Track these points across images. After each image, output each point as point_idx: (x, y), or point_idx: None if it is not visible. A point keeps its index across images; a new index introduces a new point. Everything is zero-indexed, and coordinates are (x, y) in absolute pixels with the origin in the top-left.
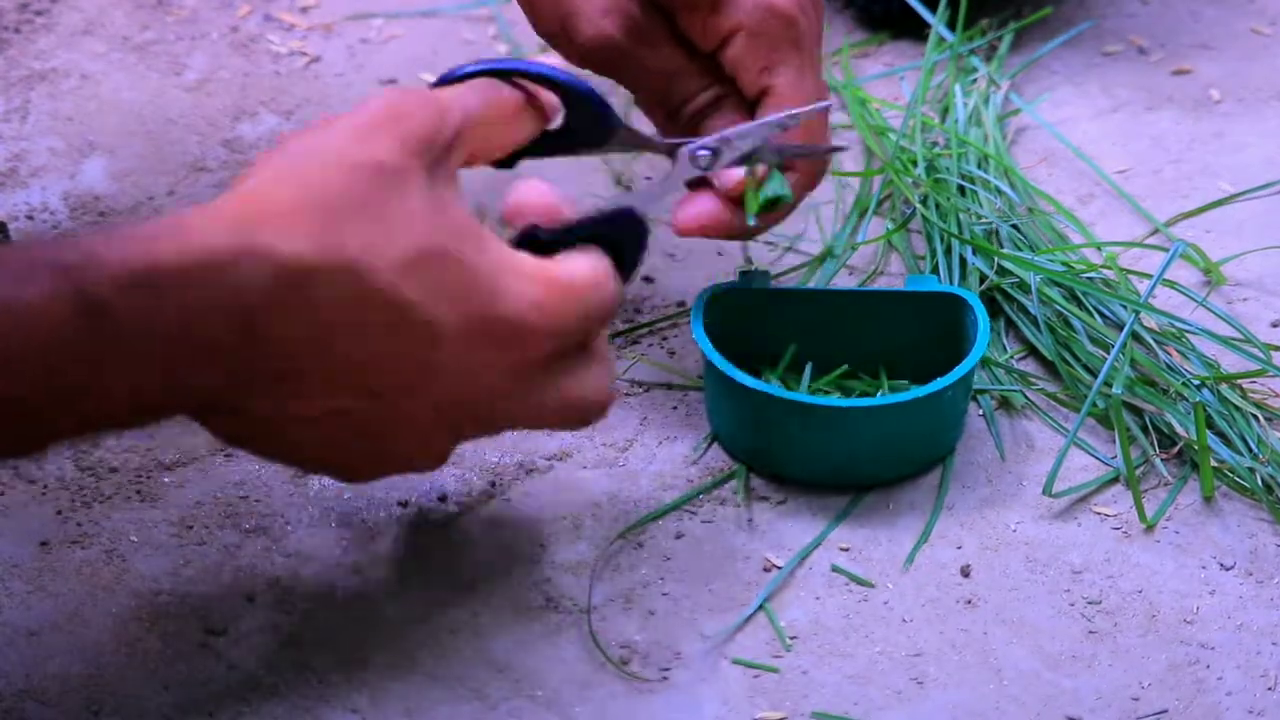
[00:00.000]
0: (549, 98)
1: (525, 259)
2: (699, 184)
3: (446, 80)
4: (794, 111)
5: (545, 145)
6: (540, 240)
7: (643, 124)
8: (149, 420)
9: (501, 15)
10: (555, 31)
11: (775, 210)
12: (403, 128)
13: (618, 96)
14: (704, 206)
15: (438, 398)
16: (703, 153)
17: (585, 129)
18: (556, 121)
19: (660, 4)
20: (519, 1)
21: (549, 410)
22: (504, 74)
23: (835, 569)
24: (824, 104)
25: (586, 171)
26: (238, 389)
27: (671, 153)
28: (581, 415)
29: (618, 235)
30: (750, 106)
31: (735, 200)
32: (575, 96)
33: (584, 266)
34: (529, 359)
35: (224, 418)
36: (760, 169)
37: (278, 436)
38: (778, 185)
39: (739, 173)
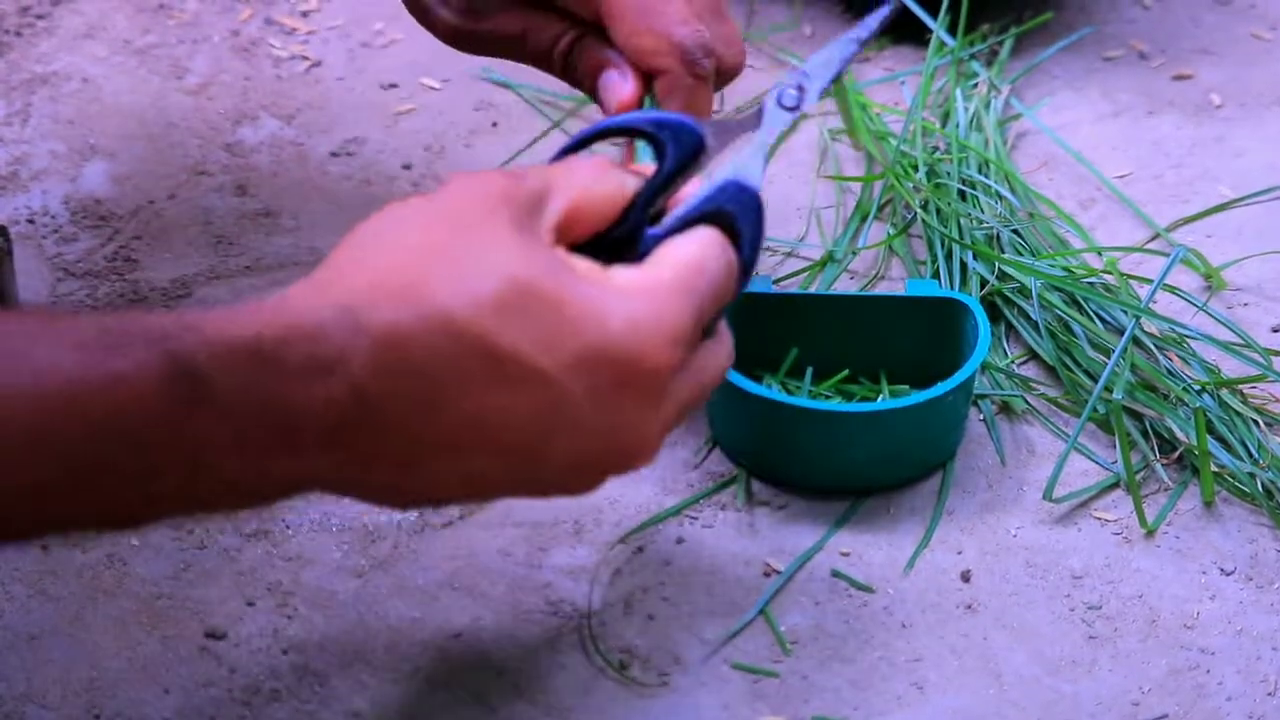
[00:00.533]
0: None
1: (618, 277)
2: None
3: (565, 151)
4: (869, 24)
5: (655, 196)
6: (621, 239)
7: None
8: (256, 502)
9: None
10: (420, 15)
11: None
12: (483, 188)
13: None
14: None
15: (578, 442)
16: (789, 94)
17: (683, 156)
18: (668, 165)
19: None
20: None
21: (685, 403)
22: (593, 139)
23: (835, 574)
24: (885, 11)
25: None
26: (357, 469)
27: (759, 117)
28: (705, 395)
29: (728, 212)
30: (600, 32)
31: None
32: (665, 131)
33: (681, 256)
34: (649, 381)
35: (356, 489)
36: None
37: (423, 488)
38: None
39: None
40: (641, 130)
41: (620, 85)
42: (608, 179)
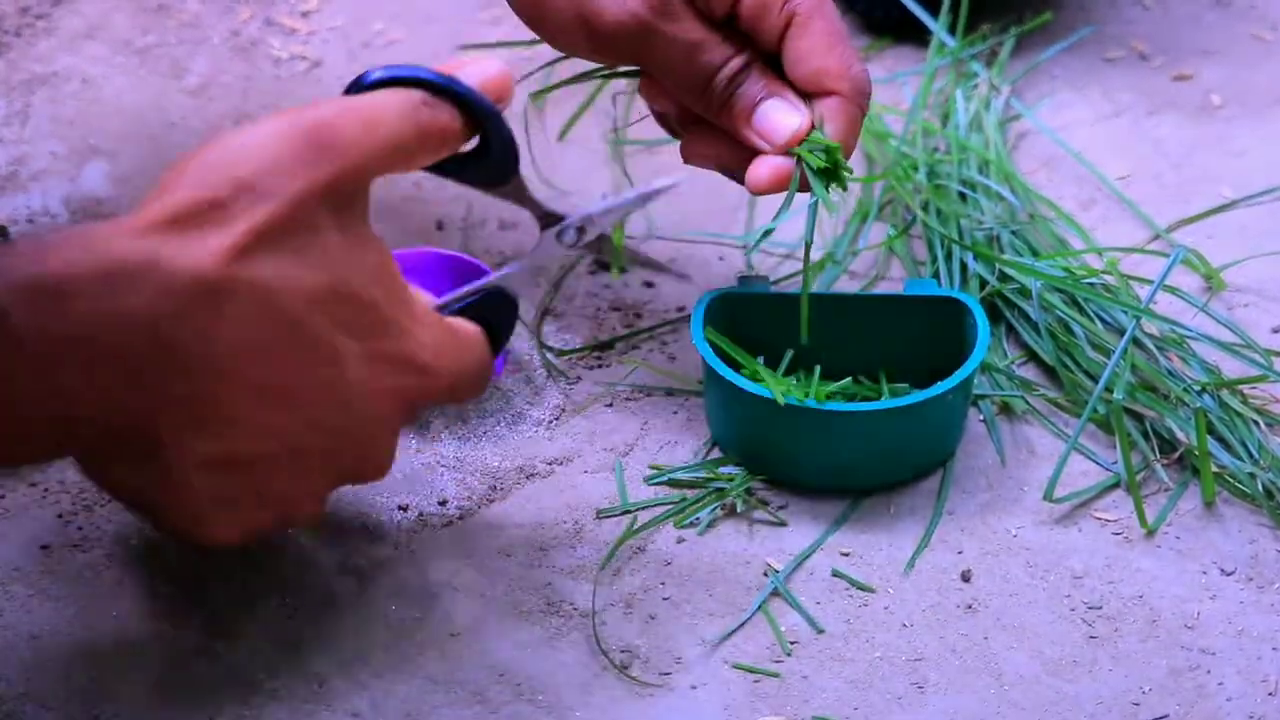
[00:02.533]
0: (455, 122)
1: (427, 309)
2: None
3: (364, 84)
4: (657, 187)
5: (448, 167)
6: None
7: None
8: (57, 449)
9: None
10: (567, 24)
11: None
12: (321, 161)
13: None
14: (776, 164)
15: (332, 431)
16: (569, 234)
17: (492, 164)
18: (468, 146)
19: None
20: (515, 5)
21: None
22: (427, 85)
23: (836, 574)
24: (670, 183)
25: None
26: (147, 414)
27: (543, 222)
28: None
29: (490, 312)
30: (775, 63)
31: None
32: (495, 128)
33: (473, 328)
34: (423, 391)
35: (119, 451)
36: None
37: (170, 474)
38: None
39: (787, 130)
40: (475, 107)
41: (791, 113)
42: (441, 141)
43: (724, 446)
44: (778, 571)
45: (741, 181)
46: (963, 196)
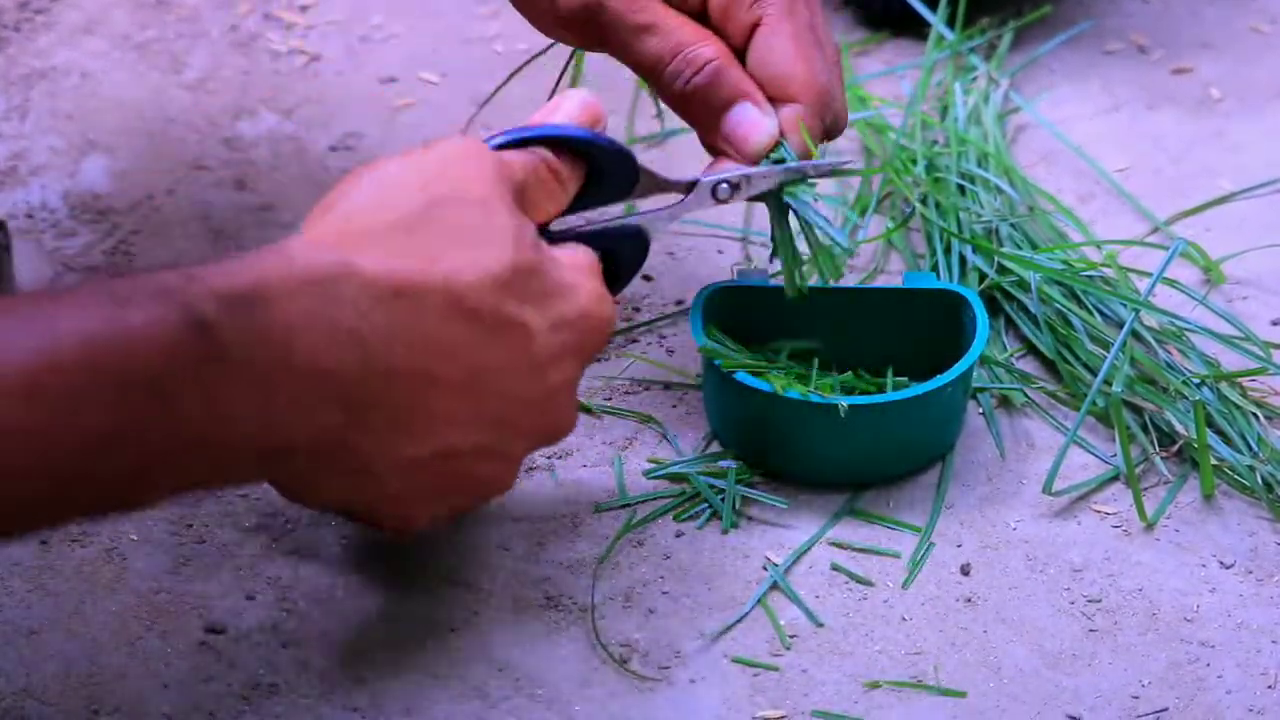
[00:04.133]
0: (573, 168)
1: (578, 261)
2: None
3: (504, 145)
4: (818, 162)
5: (574, 203)
6: (550, 235)
7: (656, 161)
8: (266, 467)
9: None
10: (543, 7)
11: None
12: (484, 162)
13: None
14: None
15: (527, 395)
16: (724, 188)
17: (611, 182)
18: (605, 193)
19: None
20: None
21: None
22: (533, 141)
23: (835, 567)
24: (835, 161)
25: None
26: (353, 423)
27: (689, 188)
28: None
29: (621, 247)
30: (740, 56)
31: None
32: (600, 152)
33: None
34: (596, 345)
35: (320, 466)
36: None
37: (374, 483)
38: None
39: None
40: (586, 148)
41: (762, 122)
42: (561, 188)
43: (723, 440)
44: (777, 565)
45: None
46: (961, 190)
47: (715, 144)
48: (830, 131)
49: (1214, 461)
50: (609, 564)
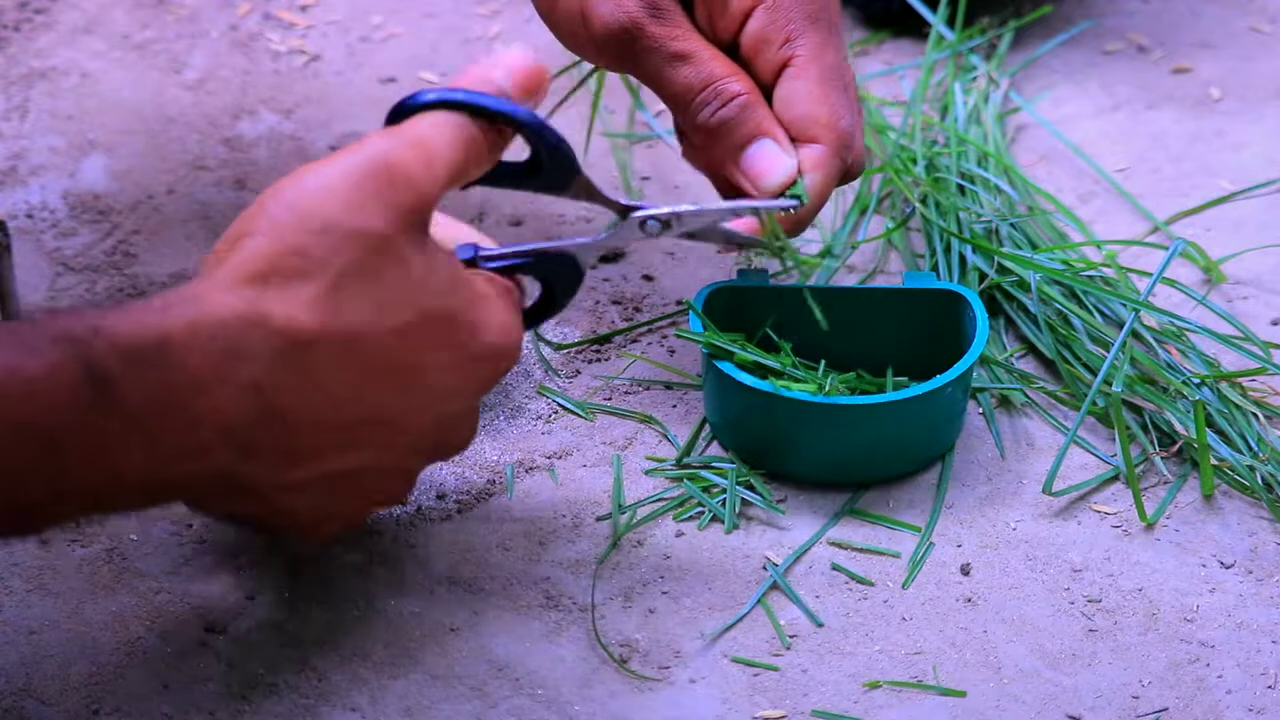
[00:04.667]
0: (497, 138)
1: (488, 288)
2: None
3: (406, 108)
4: (755, 204)
5: (506, 178)
6: (478, 261)
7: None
8: (152, 503)
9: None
10: (574, 24)
11: (798, 218)
12: (396, 197)
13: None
14: (753, 225)
15: (421, 428)
16: (653, 224)
17: (549, 172)
18: (521, 157)
19: None
20: (536, 3)
21: (472, 429)
22: (465, 108)
23: (835, 567)
24: (790, 203)
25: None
26: (240, 460)
27: (624, 214)
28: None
29: (554, 274)
30: (767, 92)
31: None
32: (541, 139)
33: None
34: (500, 373)
35: (222, 500)
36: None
37: (266, 504)
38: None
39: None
40: (524, 127)
41: (782, 159)
42: (488, 158)
43: (723, 440)
44: (776, 565)
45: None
46: (961, 189)
47: (731, 176)
48: (849, 174)
49: (1214, 461)
50: (609, 564)
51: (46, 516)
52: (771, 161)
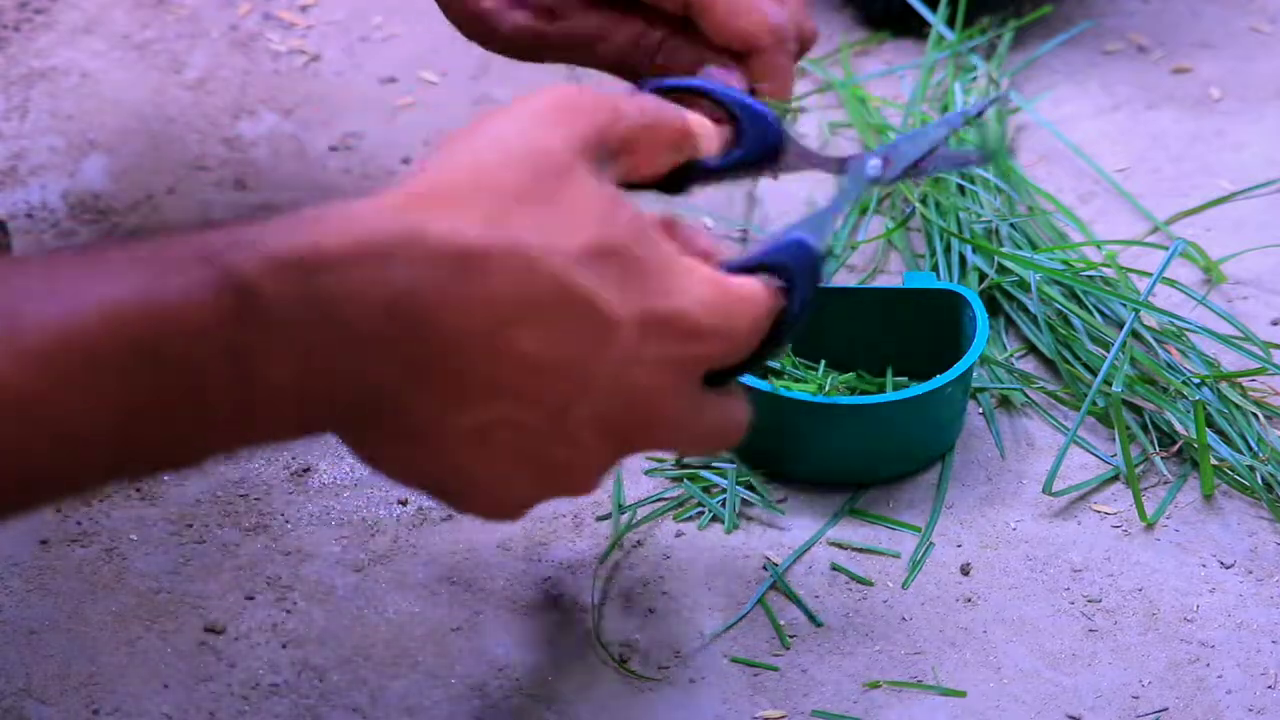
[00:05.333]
0: (710, 125)
1: (697, 263)
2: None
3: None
4: (967, 111)
5: (718, 170)
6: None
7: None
8: (311, 426)
9: None
10: (471, 24)
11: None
12: (575, 123)
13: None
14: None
15: (604, 400)
16: (874, 164)
17: (757, 150)
18: (724, 149)
19: None
20: (465, 31)
21: (704, 426)
22: (680, 92)
23: (835, 567)
24: (992, 100)
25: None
26: (403, 385)
27: (841, 168)
28: (725, 437)
29: (787, 266)
30: (684, 25)
31: None
32: (749, 116)
33: (756, 284)
34: (698, 359)
35: (381, 431)
36: None
37: (437, 451)
38: None
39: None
40: (727, 105)
41: (728, 79)
42: (681, 142)
43: None
44: (776, 565)
45: None
46: (961, 189)
47: (723, 35)
48: (802, 49)
49: (1214, 461)
50: (609, 564)
51: (210, 444)
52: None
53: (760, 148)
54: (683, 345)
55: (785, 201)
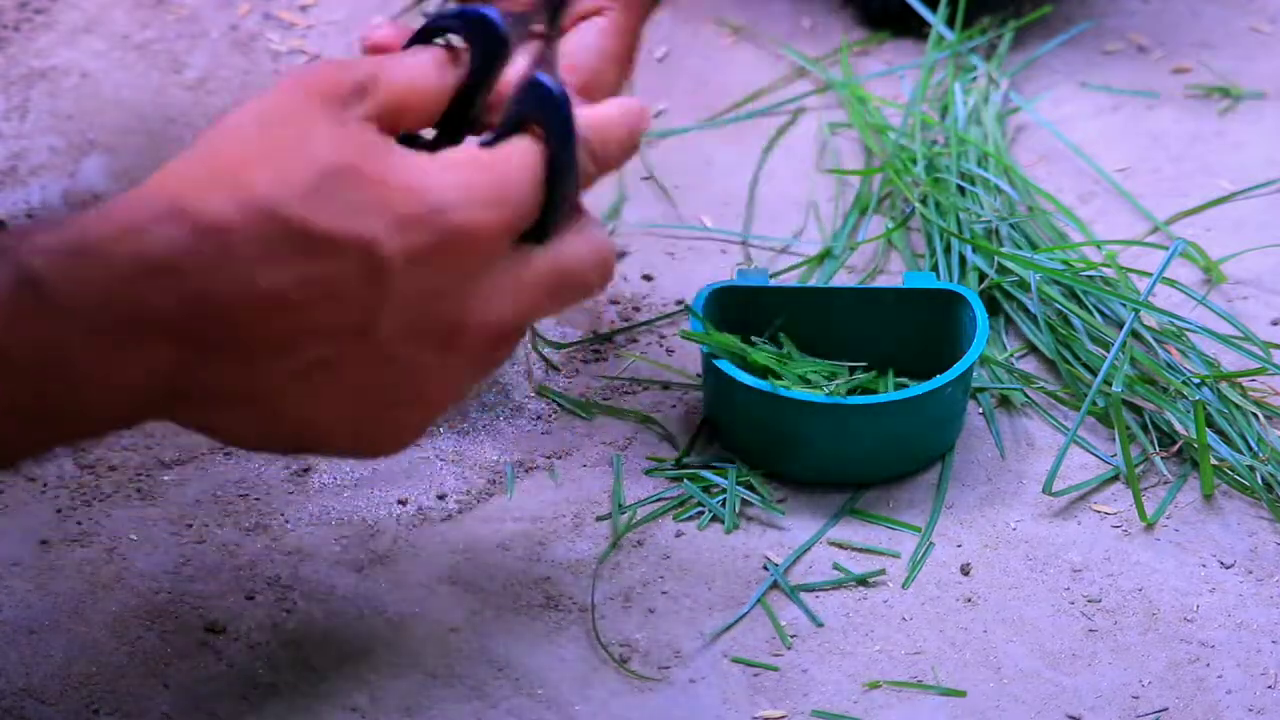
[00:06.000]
0: (426, 64)
1: (442, 152)
2: None
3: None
4: None
5: (469, 92)
6: (446, 137)
7: None
8: (141, 411)
9: None
10: None
11: None
12: (303, 83)
13: None
14: None
15: (400, 312)
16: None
17: (491, 54)
18: (474, 63)
19: None
20: None
21: (545, 283)
22: (428, 32)
23: (835, 567)
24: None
25: None
26: (196, 360)
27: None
28: (589, 275)
29: (537, 112)
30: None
31: None
32: (477, 26)
33: (511, 146)
34: (481, 238)
35: (207, 403)
36: None
37: (266, 409)
38: None
39: None
40: (449, 27)
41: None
42: (432, 74)
43: (723, 439)
44: (777, 565)
45: None
46: (961, 189)
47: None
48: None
49: (1214, 461)
50: (609, 564)
51: (15, 447)
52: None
53: (488, 49)
54: (454, 234)
55: (781, 203)
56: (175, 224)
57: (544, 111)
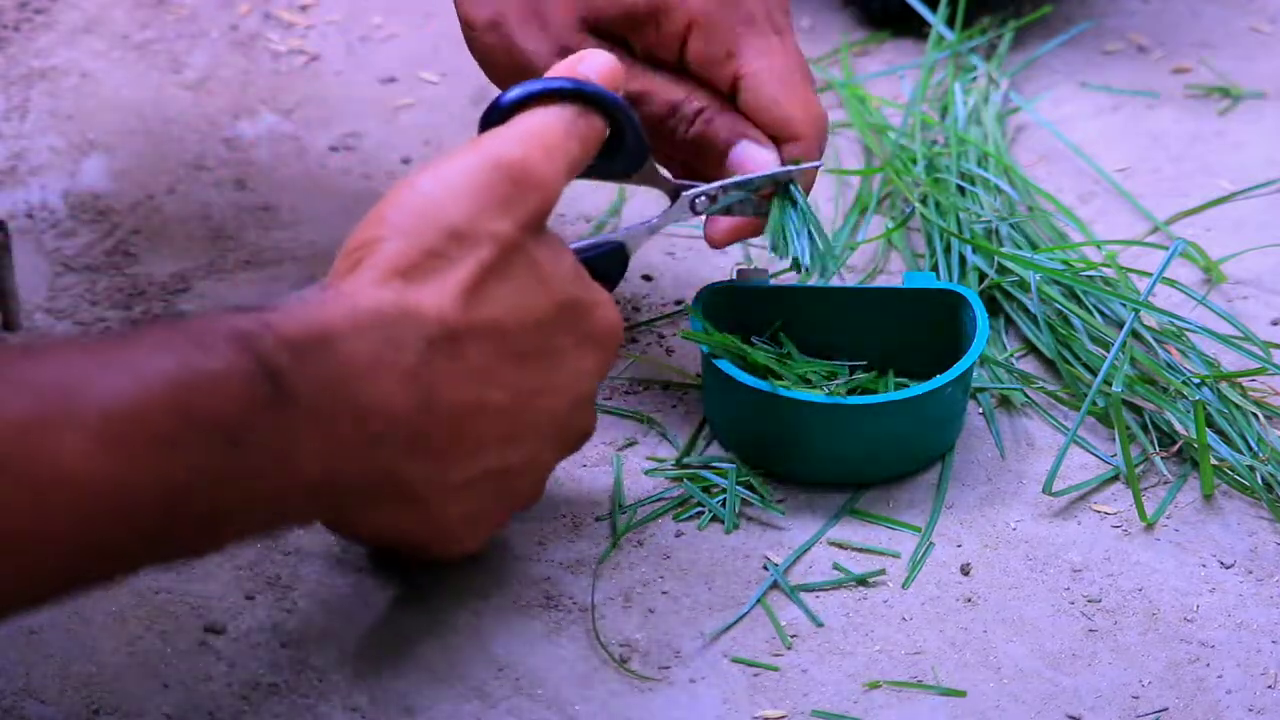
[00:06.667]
0: (603, 125)
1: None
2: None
3: (504, 105)
4: (790, 169)
5: (593, 171)
6: None
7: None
8: (321, 510)
9: None
10: (515, 78)
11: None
12: (522, 199)
13: None
14: (734, 223)
15: (560, 412)
16: (702, 201)
17: (629, 154)
18: (620, 165)
19: (609, 33)
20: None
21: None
22: (567, 95)
23: (835, 567)
24: (816, 164)
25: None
26: (406, 458)
27: (675, 194)
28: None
29: (605, 264)
30: (728, 99)
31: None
32: (629, 120)
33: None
34: (611, 356)
35: (378, 506)
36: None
37: (426, 513)
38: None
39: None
40: (617, 110)
41: (762, 154)
42: (585, 149)
43: (723, 439)
44: (777, 565)
45: None
46: (961, 189)
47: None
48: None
49: (1214, 461)
50: (609, 564)
51: (236, 527)
52: (753, 158)
53: (629, 150)
54: (606, 349)
55: None
56: (414, 327)
57: (612, 273)
